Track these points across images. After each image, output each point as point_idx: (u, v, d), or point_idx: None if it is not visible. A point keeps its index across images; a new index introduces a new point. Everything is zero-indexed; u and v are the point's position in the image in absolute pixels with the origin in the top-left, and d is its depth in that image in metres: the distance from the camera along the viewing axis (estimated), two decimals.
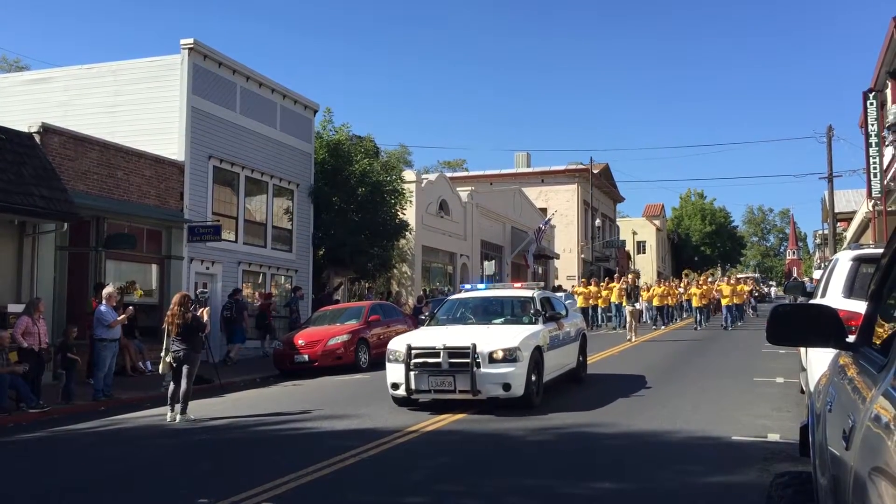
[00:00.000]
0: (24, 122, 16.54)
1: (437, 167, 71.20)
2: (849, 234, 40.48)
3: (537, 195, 48.17)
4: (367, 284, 29.13)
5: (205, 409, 12.21)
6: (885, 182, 25.67)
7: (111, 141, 18.59)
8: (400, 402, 11.03)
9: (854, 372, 2.98)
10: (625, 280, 26.51)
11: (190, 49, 20.35)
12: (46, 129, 16.47)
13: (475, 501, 6.49)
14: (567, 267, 48.30)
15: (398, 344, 11.01)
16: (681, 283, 33.88)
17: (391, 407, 11.06)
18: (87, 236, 17.68)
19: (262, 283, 23.62)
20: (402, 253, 30.33)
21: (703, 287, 28.21)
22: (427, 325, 12.69)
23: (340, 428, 9.99)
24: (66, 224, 16.05)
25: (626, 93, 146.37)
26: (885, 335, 3.36)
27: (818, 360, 6.87)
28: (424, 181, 32.73)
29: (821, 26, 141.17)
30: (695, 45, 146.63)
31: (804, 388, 9.42)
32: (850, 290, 7.89)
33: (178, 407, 11.20)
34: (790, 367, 13.17)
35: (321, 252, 26.10)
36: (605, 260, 54.91)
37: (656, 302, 27.77)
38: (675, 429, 8.96)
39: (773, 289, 69.61)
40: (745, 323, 28.95)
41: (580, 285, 30.93)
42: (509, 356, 10.26)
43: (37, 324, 13.08)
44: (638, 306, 24.07)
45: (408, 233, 28.84)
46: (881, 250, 4.85)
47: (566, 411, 10.34)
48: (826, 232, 48.18)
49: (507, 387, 10.23)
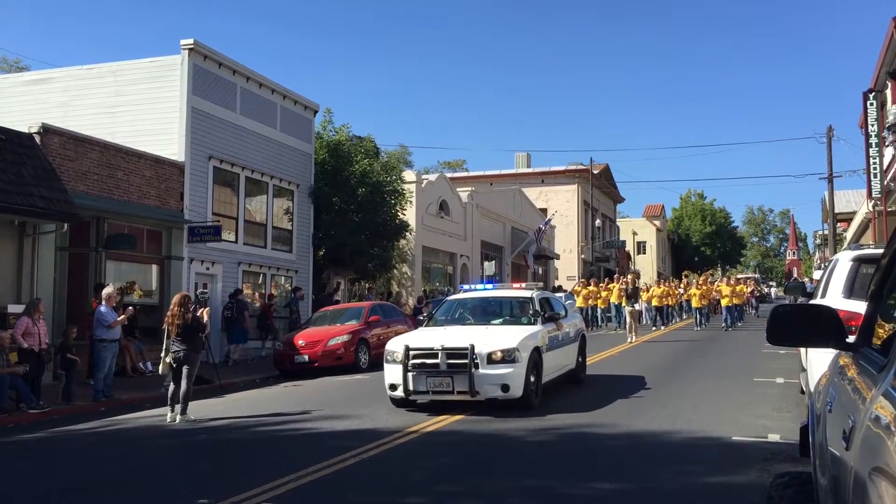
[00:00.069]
0: (25, 123, 16.53)
1: (437, 167, 71.29)
2: (849, 234, 40.48)
3: (537, 195, 48.17)
4: (367, 285, 29.13)
5: (205, 409, 12.21)
6: (885, 182, 25.68)
7: (111, 141, 18.59)
8: (398, 403, 10.97)
9: (854, 372, 2.98)
10: (624, 280, 26.50)
11: (190, 49, 20.36)
12: (46, 130, 16.47)
13: (476, 502, 6.49)
14: (567, 267, 48.29)
15: (396, 345, 10.96)
16: (680, 284, 33.87)
17: (391, 407, 11.04)
18: (87, 237, 17.68)
19: (263, 283, 23.63)
20: (403, 253, 30.33)
21: (703, 287, 28.21)
22: (425, 325, 12.65)
23: (340, 428, 9.99)
24: (66, 224, 16.05)
25: (626, 93, 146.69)
26: (885, 335, 3.36)
27: (818, 361, 6.87)
28: (424, 181, 32.72)
29: (821, 26, 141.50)
30: (695, 45, 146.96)
31: (804, 389, 9.43)
32: (850, 291, 7.89)
33: (179, 407, 11.20)
34: (790, 367, 13.17)
35: (321, 252, 26.11)
36: (606, 260, 54.91)
37: (655, 302, 27.74)
38: (676, 429, 8.96)
39: (773, 289, 69.62)
40: (745, 323, 28.95)
41: (579, 285, 30.88)
42: (508, 357, 10.21)
43: (37, 324, 13.08)
44: (637, 307, 24.06)
45: (408, 233, 28.85)
46: (881, 251, 4.85)
47: (566, 412, 10.33)
48: (826, 232, 48.20)
49: (505, 388, 10.19)
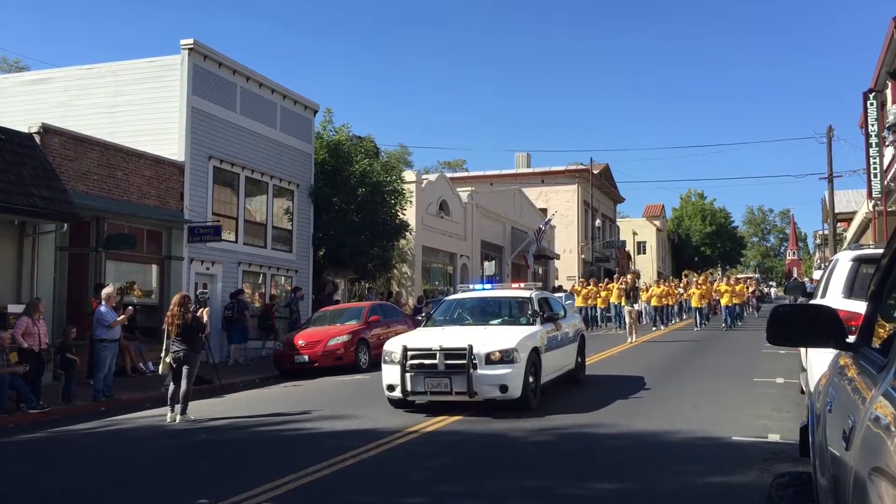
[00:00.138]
0: (25, 123, 16.53)
1: (437, 167, 71.26)
2: (849, 234, 40.48)
3: (537, 195, 48.17)
4: (367, 285, 29.13)
5: (205, 409, 12.20)
6: (886, 182, 25.68)
7: (111, 141, 18.58)
8: (396, 403, 10.93)
9: (854, 372, 2.98)
10: (624, 280, 26.47)
11: (190, 49, 20.36)
12: (46, 130, 16.47)
13: (476, 502, 6.49)
14: (567, 267, 48.29)
15: (394, 345, 10.92)
16: (680, 284, 33.86)
17: (391, 408, 11.02)
18: (87, 237, 17.68)
19: (262, 283, 23.63)
20: (403, 253, 30.33)
21: (703, 287, 28.22)
22: (423, 325, 12.61)
23: (340, 428, 9.99)
24: (66, 224, 16.05)
25: (626, 93, 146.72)
26: (885, 335, 3.36)
27: (818, 361, 6.87)
28: (424, 181, 32.72)
29: (821, 26, 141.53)
30: (695, 45, 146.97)
31: (804, 389, 9.42)
32: (850, 291, 7.89)
33: (178, 407, 11.20)
34: (790, 367, 13.16)
35: (321, 252, 26.10)
36: (606, 260, 54.91)
37: (654, 302, 27.75)
38: (675, 429, 8.96)
39: (773, 289, 69.61)
40: (745, 323, 28.96)
41: (579, 285, 30.87)
42: (506, 357, 10.17)
43: (37, 324, 13.07)
44: (637, 307, 24.05)
45: (408, 233, 28.85)
46: (881, 250, 4.85)
47: (565, 412, 10.32)
48: (826, 232, 48.20)
49: (503, 388, 10.14)
